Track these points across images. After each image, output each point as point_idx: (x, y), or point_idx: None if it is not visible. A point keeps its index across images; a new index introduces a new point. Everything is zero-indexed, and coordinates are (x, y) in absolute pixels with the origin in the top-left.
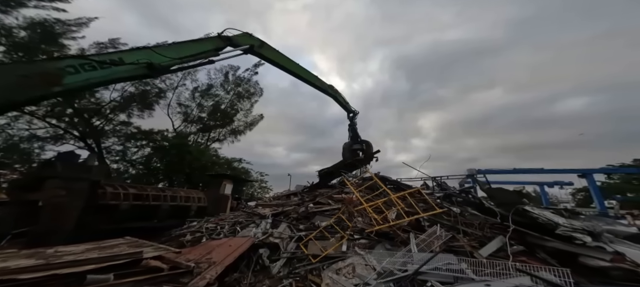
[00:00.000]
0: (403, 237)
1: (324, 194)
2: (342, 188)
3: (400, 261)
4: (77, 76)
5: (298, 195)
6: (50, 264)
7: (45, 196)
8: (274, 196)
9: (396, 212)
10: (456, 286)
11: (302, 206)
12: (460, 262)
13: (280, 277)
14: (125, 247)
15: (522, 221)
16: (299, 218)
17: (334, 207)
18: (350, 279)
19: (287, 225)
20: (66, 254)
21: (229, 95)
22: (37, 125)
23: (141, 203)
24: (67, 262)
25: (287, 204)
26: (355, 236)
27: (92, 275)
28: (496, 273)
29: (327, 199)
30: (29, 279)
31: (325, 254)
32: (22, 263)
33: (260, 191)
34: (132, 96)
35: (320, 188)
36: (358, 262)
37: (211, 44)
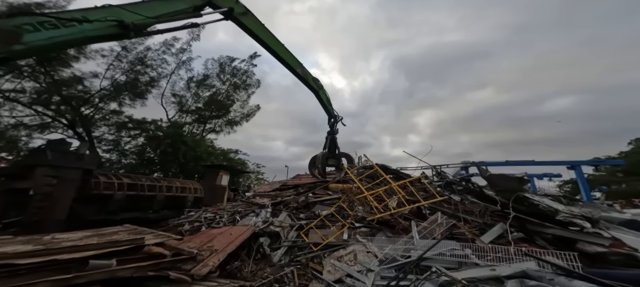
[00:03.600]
0: (404, 224)
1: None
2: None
3: (402, 247)
4: (38, 34)
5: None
6: (50, 250)
7: (35, 184)
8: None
9: (397, 200)
10: (461, 270)
11: (301, 196)
12: (464, 248)
13: (281, 265)
14: (125, 234)
15: (522, 208)
16: (298, 207)
17: (333, 196)
18: (352, 266)
19: (287, 214)
20: (64, 241)
21: (225, 86)
22: (23, 113)
23: (135, 193)
24: (67, 248)
25: (285, 194)
26: (357, 224)
27: (94, 260)
28: (499, 258)
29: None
30: (28, 265)
31: (327, 242)
32: (20, 248)
33: (256, 182)
34: (123, 85)
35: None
36: (359, 250)
37: (188, 1)
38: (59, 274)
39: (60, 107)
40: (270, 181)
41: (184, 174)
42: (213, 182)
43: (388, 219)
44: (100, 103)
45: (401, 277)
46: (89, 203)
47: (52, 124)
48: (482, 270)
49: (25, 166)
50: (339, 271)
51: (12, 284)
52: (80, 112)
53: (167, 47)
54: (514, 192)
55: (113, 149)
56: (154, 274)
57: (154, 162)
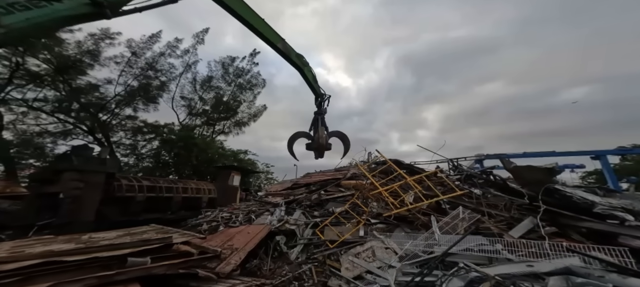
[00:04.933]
0: (423, 220)
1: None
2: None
3: (423, 243)
4: (13, 16)
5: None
6: (90, 248)
7: (64, 188)
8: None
9: (413, 195)
10: (492, 266)
11: (314, 194)
12: (495, 243)
13: (298, 262)
14: (153, 233)
15: (553, 201)
16: (311, 205)
17: (346, 193)
18: (371, 262)
19: (301, 212)
20: (101, 240)
21: (231, 87)
22: (47, 121)
23: (155, 195)
24: (105, 246)
25: (297, 192)
26: (372, 221)
27: (131, 258)
28: (532, 254)
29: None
30: (74, 262)
31: (343, 239)
32: (64, 247)
33: (266, 182)
34: (136, 90)
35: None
36: (377, 246)
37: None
38: (101, 270)
39: (79, 114)
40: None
41: (197, 176)
42: (225, 183)
43: (405, 214)
44: (116, 109)
45: (426, 273)
46: (112, 205)
47: (73, 130)
48: (517, 266)
49: (54, 171)
50: (358, 268)
51: (62, 279)
52: (98, 118)
53: (171, 50)
54: (543, 184)
55: (131, 153)
56: (184, 271)
57: (168, 164)
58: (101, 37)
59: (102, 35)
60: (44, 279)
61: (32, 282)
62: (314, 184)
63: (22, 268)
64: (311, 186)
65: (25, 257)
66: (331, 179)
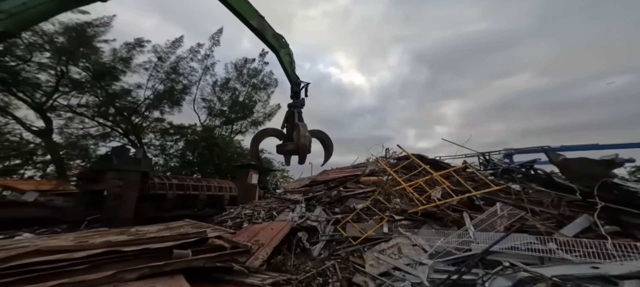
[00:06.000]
0: (454, 216)
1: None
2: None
3: (456, 240)
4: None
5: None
6: (141, 240)
7: (106, 186)
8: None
9: (441, 191)
10: (546, 267)
11: (333, 190)
12: (547, 242)
13: (322, 259)
14: (189, 228)
15: (611, 196)
16: (331, 202)
17: (366, 189)
18: (398, 259)
19: (322, 209)
20: (147, 233)
21: (246, 87)
22: (89, 124)
23: (183, 193)
24: (153, 239)
25: (315, 189)
26: (396, 217)
27: (176, 250)
28: (592, 254)
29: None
30: (131, 251)
31: (366, 235)
32: (119, 238)
33: (282, 180)
34: (162, 94)
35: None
36: (404, 243)
37: None
38: (152, 261)
39: (115, 118)
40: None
41: (218, 175)
42: (244, 181)
43: (433, 211)
44: (145, 112)
45: (464, 271)
46: (147, 201)
47: (111, 133)
48: (578, 267)
49: (98, 170)
50: (384, 265)
51: (122, 268)
52: (131, 121)
53: (193, 54)
54: (598, 178)
55: (160, 153)
56: (221, 265)
57: (193, 163)
58: (133, 45)
59: (133, 44)
60: (107, 267)
61: (98, 270)
62: (332, 181)
63: (89, 256)
64: (329, 182)
65: (90, 246)
66: (349, 175)
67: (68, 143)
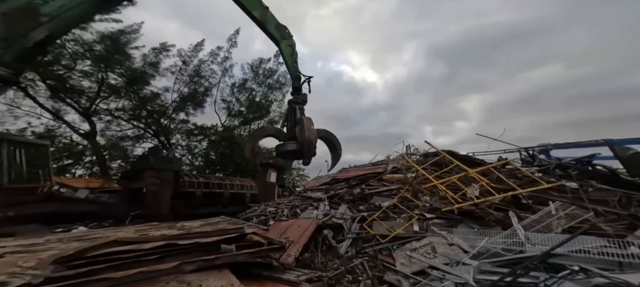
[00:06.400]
0: (497, 216)
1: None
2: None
3: (506, 241)
4: (49, 6)
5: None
6: (191, 234)
7: (145, 184)
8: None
9: (478, 188)
10: (629, 274)
11: (355, 188)
12: (629, 246)
13: (349, 256)
14: (226, 224)
15: None
16: (354, 200)
17: (390, 187)
18: (434, 259)
19: (347, 206)
20: (192, 228)
21: (262, 88)
22: (126, 127)
23: (209, 191)
24: (201, 233)
25: (337, 187)
26: (428, 216)
27: (223, 245)
28: None
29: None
30: (185, 245)
31: (395, 234)
32: (172, 232)
33: (298, 178)
34: (186, 96)
35: None
36: (439, 242)
37: None
38: (203, 254)
39: (147, 120)
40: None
41: (239, 173)
42: (263, 180)
43: (471, 209)
44: (172, 114)
45: (520, 273)
46: (179, 199)
47: (144, 134)
48: None
49: (137, 169)
50: (417, 263)
51: (179, 260)
52: (161, 123)
53: (213, 57)
54: None
55: (187, 153)
56: (261, 260)
57: (215, 163)
58: (160, 50)
59: (160, 48)
60: (170, 259)
61: (164, 261)
62: (353, 179)
63: (154, 248)
64: (350, 180)
65: (153, 239)
66: (371, 173)
67: (109, 144)
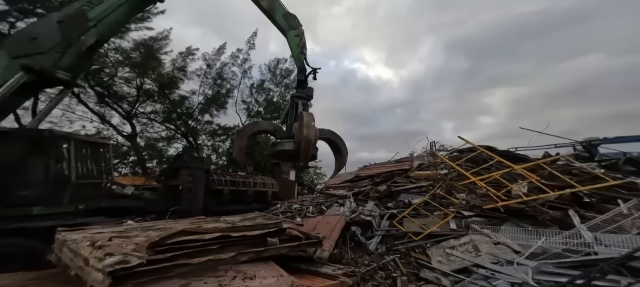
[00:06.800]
0: (554, 215)
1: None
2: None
3: (569, 242)
4: (94, 11)
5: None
6: (239, 227)
7: (181, 181)
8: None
9: (526, 185)
10: None
11: (381, 185)
12: None
13: (380, 253)
14: (262, 219)
15: None
16: (380, 197)
17: (420, 184)
18: (477, 257)
19: (374, 203)
20: (235, 222)
21: (279, 88)
22: (160, 129)
23: (235, 189)
24: (247, 227)
25: (361, 184)
26: (466, 213)
27: (269, 238)
28: None
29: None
30: (236, 237)
31: (429, 231)
32: (222, 226)
33: (315, 176)
34: (211, 98)
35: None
36: (481, 240)
37: None
38: (250, 247)
39: (176, 122)
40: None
41: (260, 172)
42: (283, 178)
43: (519, 207)
44: (198, 116)
45: (595, 276)
46: (210, 196)
47: (175, 136)
48: None
49: (174, 168)
50: (456, 261)
51: (232, 251)
52: (188, 125)
53: (234, 60)
54: None
55: (212, 152)
56: (302, 254)
57: (238, 162)
58: (186, 54)
59: (186, 53)
60: (228, 250)
61: (223, 251)
62: (377, 176)
63: (213, 239)
64: (374, 177)
65: (211, 230)
66: (396, 170)
67: (147, 145)
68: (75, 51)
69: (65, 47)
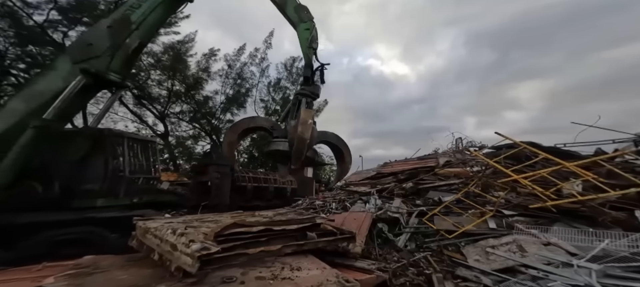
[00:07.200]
0: (617, 215)
1: None
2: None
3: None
4: (135, 14)
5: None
6: (276, 222)
7: (210, 178)
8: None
9: (580, 183)
10: None
11: (407, 182)
12: None
13: (410, 250)
14: (293, 214)
15: None
16: (406, 194)
17: (449, 182)
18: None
19: (401, 200)
20: (272, 217)
21: (295, 86)
22: (188, 127)
23: (257, 185)
24: (284, 221)
25: (384, 182)
26: (507, 212)
27: (308, 232)
28: None
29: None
30: (279, 231)
31: (464, 229)
32: (262, 220)
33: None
34: (231, 98)
35: None
36: (526, 240)
37: None
38: (290, 240)
39: (201, 121)
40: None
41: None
42: (301, 175)
43: (574, 207)
44: (220, 115)
45: None
46: (234, 192)
47: (200, 134)
48: None
49: (203, 165)
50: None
51: (278, 244)
52: (212, 123)
53: (252, 59)
54: None
55: None
56: (339, 248)
57: (256, 159)
58: (209, 56)
59: (209, 54)
60: (273, 242)
61: (270, 243)
62: (401, 173)
63: (259, 232)
64: (398, 174)
65: (257, 223)
66: (421, 167)
67: (177, 143)
68: (122, 54)
69: (114, 50)
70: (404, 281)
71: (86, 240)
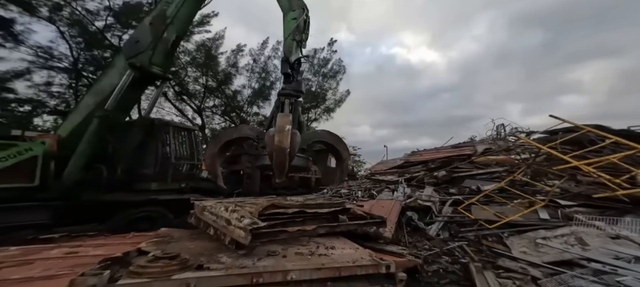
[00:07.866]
0: None
1: None
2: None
3: None
4: (170, 8)
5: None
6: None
7: (242, 167)
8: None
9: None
10: None
11: (437, 171)
12: None
13: (443, 239)
14: (321, 199)
15: None
16: (438, 183)
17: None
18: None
19: (433, 189)
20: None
21: (317, 77)
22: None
23: None
24: (316, 204)
25: (412, 170)
26: (563, 203)
27: (340, 215)
28: None
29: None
30: (312, 213)
31: (509, 220)
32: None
33: (354, 164)
34: (257, 91)
35: None
36: (588, 233)
37: None
38: (322, 222)
39: (231, 115)
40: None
41: None
42: (324, 165)
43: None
44: (247, 108)
45: None
46: (262, 181)
47: (231, 126)
48: None
49: (236, 155)
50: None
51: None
52: (241, 116)
53: (275, 52)
54: None
55: None
56: (370, 231)
57: None
58: (237, 51)
59: (237, 50)
60: (308, 223)
61: (308, 224)
62: (432, 162)
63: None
64: (428, 163)
65: (292, 205)
66: (454, 155)
67: (212, 135)
68: (162, 48)
69: (155, 45)
70: (437, 267)
71: (152, 218)
